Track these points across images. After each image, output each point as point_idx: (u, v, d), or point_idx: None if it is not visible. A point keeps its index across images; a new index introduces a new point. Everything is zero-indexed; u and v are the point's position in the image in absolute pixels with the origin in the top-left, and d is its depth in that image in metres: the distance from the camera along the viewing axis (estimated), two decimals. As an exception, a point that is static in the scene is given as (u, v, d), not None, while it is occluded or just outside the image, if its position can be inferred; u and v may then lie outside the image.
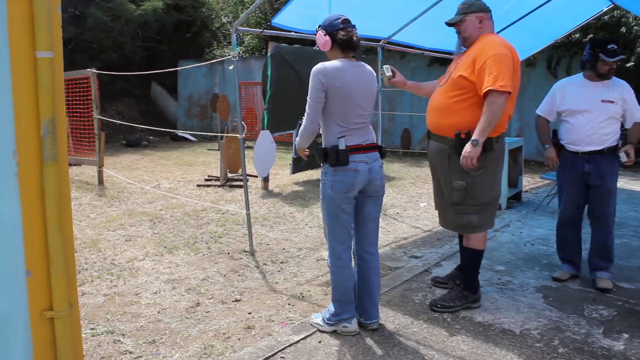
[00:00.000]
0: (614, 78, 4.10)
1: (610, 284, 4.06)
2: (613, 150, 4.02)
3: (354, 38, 3.13)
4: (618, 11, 9.68)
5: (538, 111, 4.36)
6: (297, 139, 3.29)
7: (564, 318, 3.58)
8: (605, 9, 6.96)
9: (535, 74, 11.64)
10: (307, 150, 3.38)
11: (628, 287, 4.15)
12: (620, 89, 4.05)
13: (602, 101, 3.99)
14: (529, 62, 11.04)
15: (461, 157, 3.29)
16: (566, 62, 11.18)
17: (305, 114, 3.14)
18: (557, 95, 4.20)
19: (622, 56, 4.13)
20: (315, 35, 3.21)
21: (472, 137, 3.25)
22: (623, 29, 10.13)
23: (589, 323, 3.51)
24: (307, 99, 3.11)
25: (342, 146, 3.09)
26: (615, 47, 3.98)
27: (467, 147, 3.26)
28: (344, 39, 3.11)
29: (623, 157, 3.98)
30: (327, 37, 3.12)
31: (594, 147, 4.02)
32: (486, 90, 3.22)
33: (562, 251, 4.38)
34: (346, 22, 3.15)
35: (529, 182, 9.26)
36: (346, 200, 3.15)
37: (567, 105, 4.10)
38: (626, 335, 3.34)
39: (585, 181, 4.11)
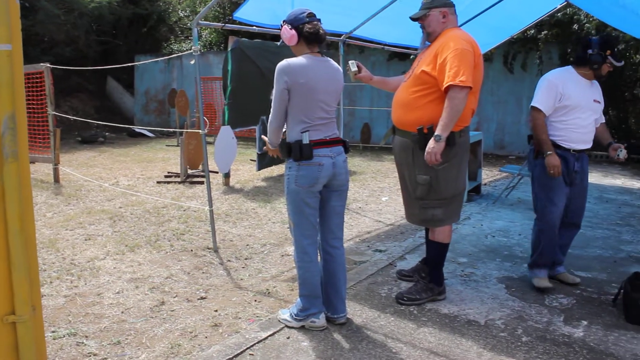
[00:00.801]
0: None
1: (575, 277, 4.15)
2: None
3: (321, 31, 3.12)
4: (571, 9, 9.95)
5: (539, 105, 3.85)
6: (268, 135, 3.26)
7: (526, 307, 3.66)
8: (559, 6, 7.16)
9: (492, 68, 11.87)
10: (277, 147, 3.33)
11: (585, 276, 4.27)
12: (600, 89, 3.97)
13: (594, 101, 3.88)
14: (486, 57, 11.22)
15: (425, 153, 3.32)
16: (522, 58, 11.44)
17: (271, 109, 3.14)
18: (558, 89, 3.80)
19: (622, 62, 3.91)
20: (280, 30, 3.18)
21: (435, 133, 3.27)
22: (575, 26, 10.43)
23: (550, 312, 3.60)
24: (272, 96, 3.10)
25: (305, 140, 3.08)
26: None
27: (431, 143, 3.28)
28: (311, 32, 3.09)
29: (624, 153, 3.94)
30: (293, 31, 3.10)
31: (587, 146, 3.91)
32: (447, 86, 3.25)
33: (546, 256, 3.98)
34: (311, 15, 3.14)
35: (487, 175, 9.45)
36: (310, 194, 3.15)
37: (569, 100, 3.79)
38: (585, 322, 3.44)
39: (569, 179, 3.91)
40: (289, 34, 3.11)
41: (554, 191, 3.90)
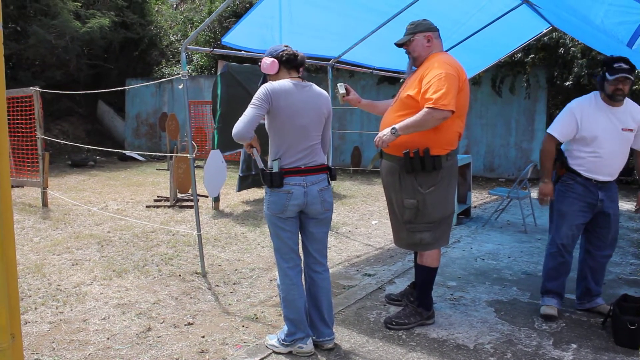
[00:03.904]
0: (630, 101, 3.74)
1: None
2: None
3: (299, 54, 3.24)
4: (556, 33, 10.09)
5: (552, 132, 3.75)
6: (234, 131, 3.04)
7: (515, 331, 3.65)
8: (545, 31, 7.27)
9: (481, 92, 11.99)
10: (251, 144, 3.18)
11: (574, 299, 4.25)
12: (636, 113, 3.72)
13: (623, 130, 3.66)
14: (475, 81, 11.37)
15: (376, 137, 3.39)
16: (510, 81, 11.57)
17: (242, 116, 3.03)
18: (576, 117, 3.67)
19: (626, 74, 3.53)
20: (260, 65, 3.25)
21: (393, 125, 3.33)
22: (561, 50, 10.57)
23: (540, 335, 3.59)
24: (249, 105, 3.05)
25: (275, 169, 3.12)
26: (622, 64, 3.54)
27: (386, 131, 3.35)
28: (290, 54, 3.21)
29: None
30: (272, 59, 3.21)
31: (609, 178, 3.77)
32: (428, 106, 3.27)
33: (553, 281, 3.93)
34: (287, 47, 3.28)
35: (477, 198, 9.47)
36: (281, 220, 3.18)
37: (586, 132, 3.65)
38: (574, 346, 3.43)
39: (595, 209, 3.79)
40: (269, 61, 3.20)
41: (564, 218, 3.83)
